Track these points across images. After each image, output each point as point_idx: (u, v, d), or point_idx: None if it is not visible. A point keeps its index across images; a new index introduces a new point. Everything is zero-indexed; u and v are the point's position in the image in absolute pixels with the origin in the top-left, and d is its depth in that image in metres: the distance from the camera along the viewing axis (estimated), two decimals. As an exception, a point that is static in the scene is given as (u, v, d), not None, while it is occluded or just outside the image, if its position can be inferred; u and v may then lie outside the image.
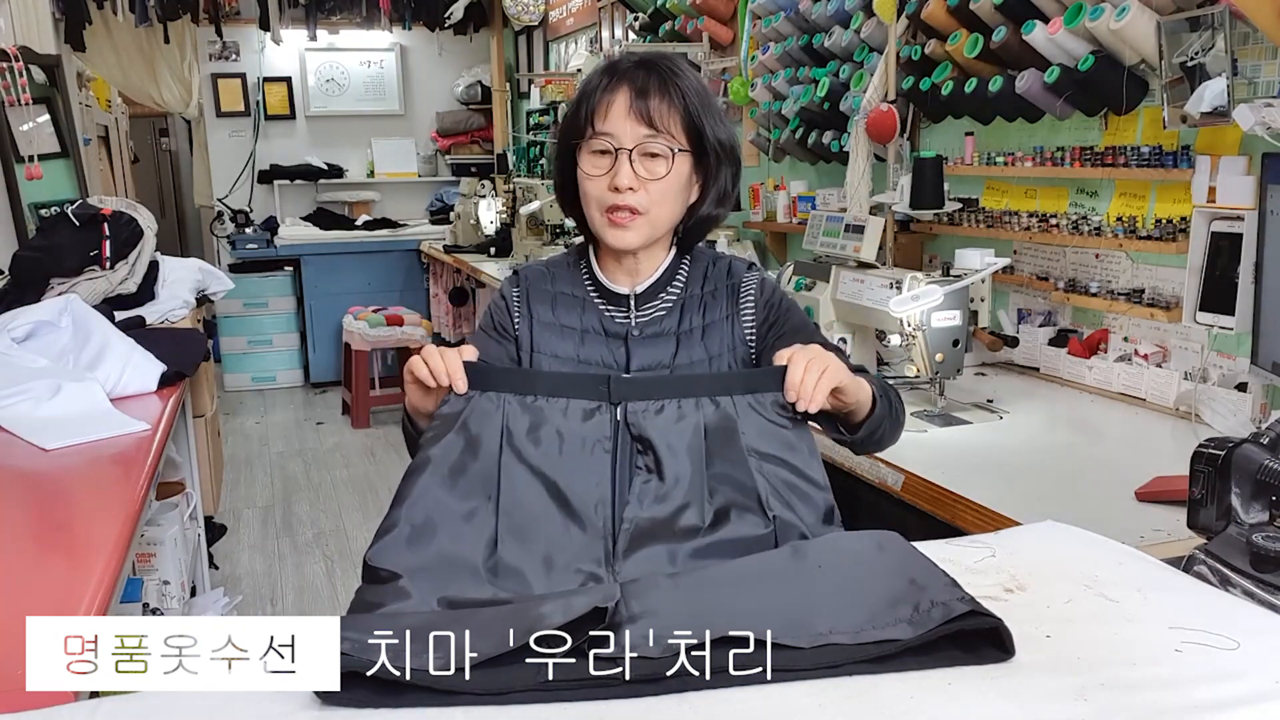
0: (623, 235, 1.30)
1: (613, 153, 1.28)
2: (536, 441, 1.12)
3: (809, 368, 1.13)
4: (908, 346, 2.10)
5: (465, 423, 1.12)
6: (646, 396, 1.14)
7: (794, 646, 0.79)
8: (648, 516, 1.10)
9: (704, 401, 1.14)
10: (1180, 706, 0.73)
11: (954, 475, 1.67)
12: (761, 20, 3.43)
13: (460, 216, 5.87)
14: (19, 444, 1.74)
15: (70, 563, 1.30)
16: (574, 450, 1.12)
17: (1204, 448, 1.12)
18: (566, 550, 1.08)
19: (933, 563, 0.92)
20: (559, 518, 1.10)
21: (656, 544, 1.08)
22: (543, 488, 1.11)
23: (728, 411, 1.14)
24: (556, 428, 1.13)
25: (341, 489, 4.53)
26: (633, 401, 1.13)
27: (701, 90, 1.31)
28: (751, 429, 1.13)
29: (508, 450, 1.11)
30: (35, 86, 3.23)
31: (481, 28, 6.78)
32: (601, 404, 1.14)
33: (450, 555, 1.06)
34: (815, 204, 3.23)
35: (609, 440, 1.13)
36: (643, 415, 1.13)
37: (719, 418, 1.13)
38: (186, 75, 6.39)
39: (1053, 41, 2.20)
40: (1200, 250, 1.96)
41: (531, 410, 1.13)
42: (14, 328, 2.13)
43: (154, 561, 2.32)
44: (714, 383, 1.17)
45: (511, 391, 1.14)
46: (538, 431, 1.12)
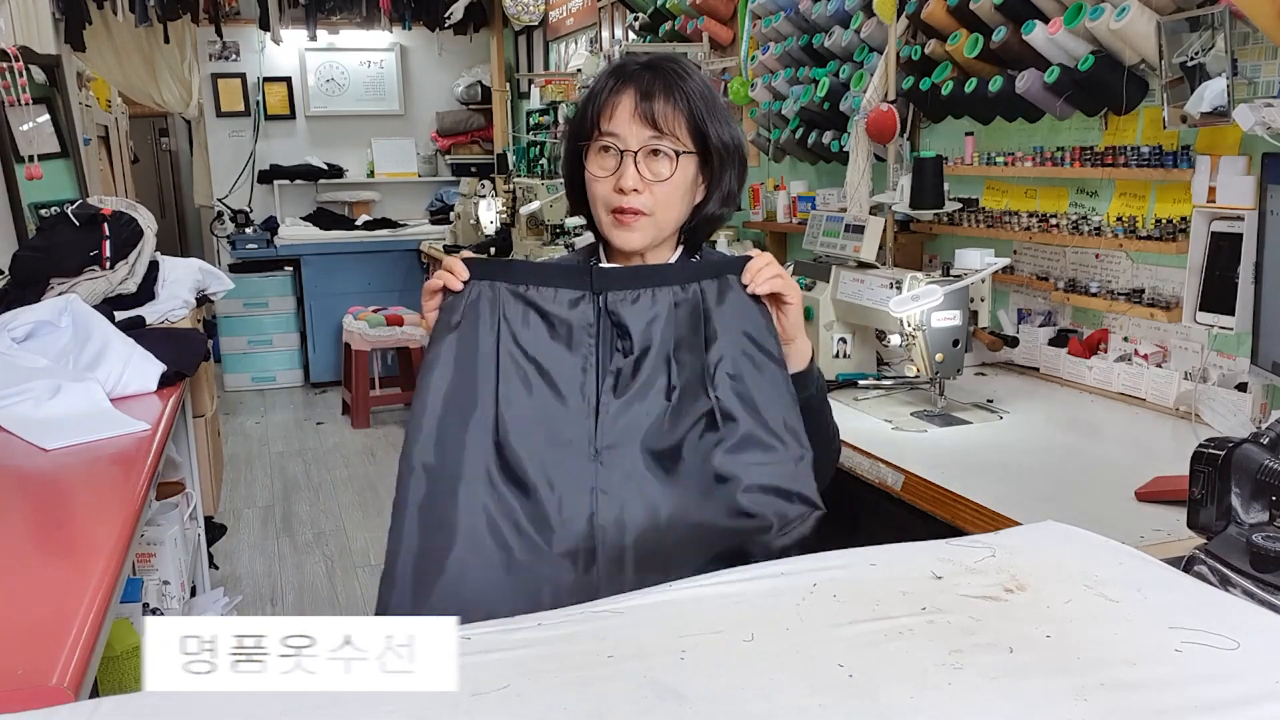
0: (628, 236, 1.33)
1: (618, 154, 1.31)
2: (527, 325, 1.21)
3: (769, 265, 1.25)
4: (908, 346, 2.10)
5: (467, 308, 1.21)
6: (625, 286, 1.22)
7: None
8: (621, 400, 1.20)
9: (676, 290, 1.22)
10: (1180, 706, 0.73)
11: (954, 475, 1.67)
12: (761, 20, 3.43)
13: (460, 216, 5.87)
14: (19, 444, 1.74)
15: (70, 563, 1.30)
16: (562, 334, 1.21)
17: (1204, 448, 1.12)
18: (559, 425, 1.19)
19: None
20: (549, 396, 1.20)
21: (632, 412, 1.20)
22: (534, 370, 1.20)
23: (695, 298, 1.23)
24: (545, 311, 1.21)
25: (341, 489, 4.53)
26: (613, 291, 1.21)
27: (707, 93, 1.33)
28: (716, 305, 1.23)
29: (505, 335, 1.20)
30: (35, 86, 3.23)
31: (481, 28, 6.78)
32: (585, 293, 1.21)
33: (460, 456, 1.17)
34: (815, 204, 3.23)
35: (592, 326, 1.21)
36: (621, 303, 1.21)
37: (688, 304, 1.22)
38: (186, 75, 6.39)
39: (1053, 41, 2.20)
40: (1200, 250, 1.96)
41: (523, 298, 1.21)
42: (14, 328, 2.13)
43: (154, 561, 2.32)
44: (684, 272, 1.26)
45: (506, 280, 1.22)
46: (528, 317, 1.21)
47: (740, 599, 0.90)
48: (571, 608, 0.90)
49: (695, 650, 0.81)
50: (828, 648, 0.81)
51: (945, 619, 0.85)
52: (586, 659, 0.80)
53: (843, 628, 0.84)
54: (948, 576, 0.93)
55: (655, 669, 0.78)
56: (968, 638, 0.82)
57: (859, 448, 1.84)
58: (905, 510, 1.72)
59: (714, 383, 1.20)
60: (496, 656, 0.80)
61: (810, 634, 0.83)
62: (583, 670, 0.78)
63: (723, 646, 0.82)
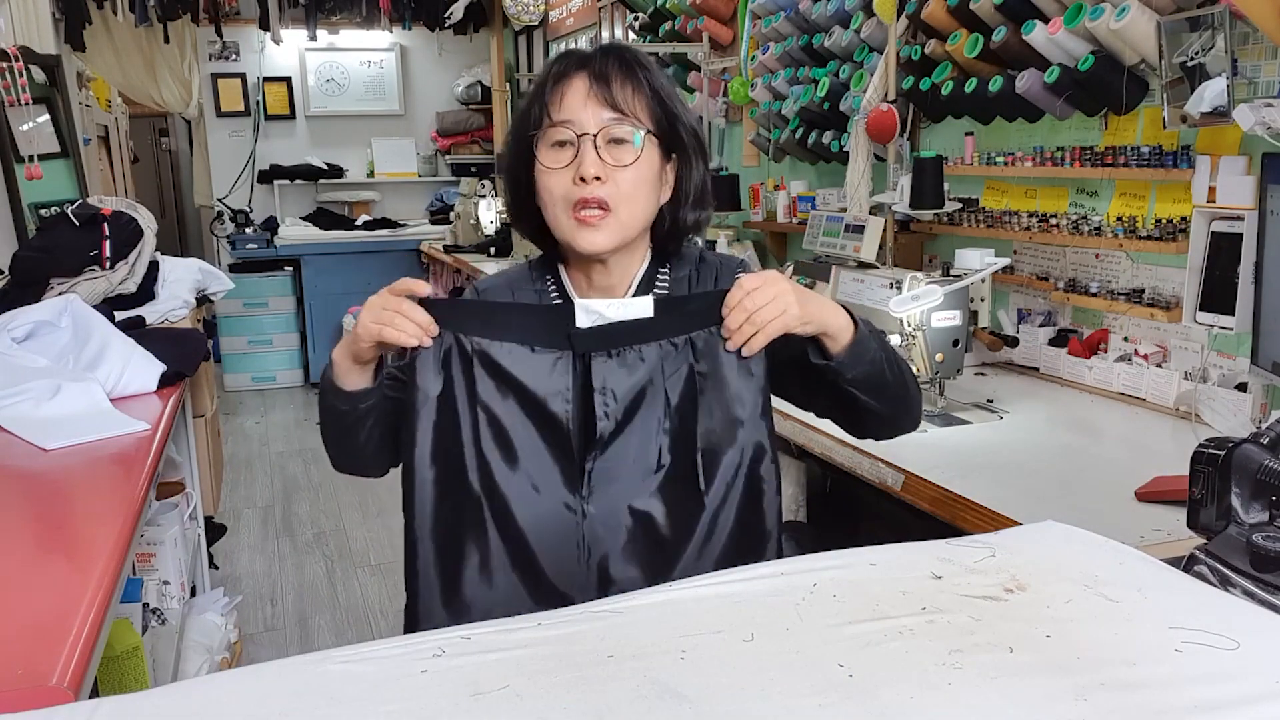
0: (592, 237, 1.18)
1: (574, 142, 1.18)
2: (505, 398, 1.15)
3: (750, 319, 1.12)
4: (908, 346, 2.10)
5: (442, 372, 1.15)
6: (606, 345, 1.14)
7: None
8: (605, 469, 1.15)
9: (664, 345, 1.15)
10: (1180, 706, 0.73)
11: (954, 475, 1.67)
12: (761, 20, 3.43)
13: (460, 216, 5.87)
14: (19, 444, 1.74)
15: (70, 563, 1.29)
16: (536, 413, 1.15)
17: (1204, 448, 1.12)
18: (547, 481, 1.15)
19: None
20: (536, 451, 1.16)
21: (617, 484, 1.15)
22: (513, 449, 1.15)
23: (685, 353, 1.15)
24: (520, 386, 1.14)
25: (341, 489, 4.53)
26: (594, 351, 1.14)
27: (666, 79, 1.23)
28: (706, 357, 1.15)
29: (481, 415, 1.15)
30: (35, 86, 3.23)
31: (481, 28, 6.77)
32: (565, 353, 1.14)
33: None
34: (815, 204, 3.23)
35: (569, 391, 1.14)
36: (604, 364, 1.14)
37: (676, 360, 1.15)
38: (186, 75, 6.40)
39: (1053, 41, 2.20)
40: (1200, 250, 1.96)
41: (495, 367, 1.14)
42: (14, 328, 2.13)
43: (154, 561, 2.32)
44: (664, 327, 1.15)
45: (475, 332, 1.15)
46: (505, 395, 1.15)
47: (740, 599, 0.90)
48: (571, 608, 0.90)
49: (695, 650, 0.81)
50: (828, 648, 0.81)
51: (945, 619, 0.85)
52: (586, 659, 0.80)
53: (843, 628, 0.84)
54: (948, 576, 0.93)
55: (655, 669, 0.78)
56: (968, 638, 0.82)
57: (859, 448, 1.83)
58: (905, 510, 1.72)
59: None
60: (496, 656, 0.80)
61: (810, 634, 0.83)
62: (583, 670, 0.78)
63: (723, 646, 0.82)
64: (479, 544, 1.16)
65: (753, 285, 1.12)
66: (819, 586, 0.92)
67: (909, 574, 0.94)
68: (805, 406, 1.35)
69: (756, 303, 1.12)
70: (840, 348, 1.18)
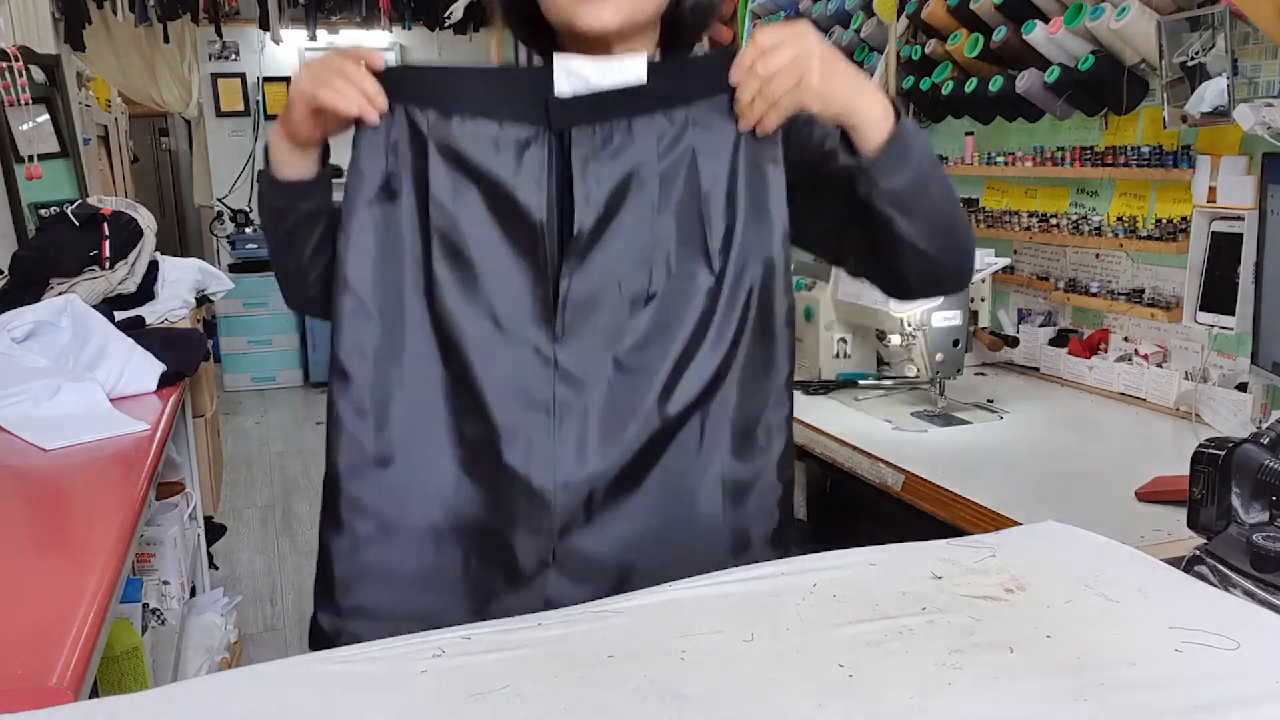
0: (598, 12, 0.98)
1: None
2: (460, 198, 0.98)
3: (763, 90, 0.92)
4: (908, 346, 2.10)
5: (389, 160, 1.00)
6: (591, 119, 0.96)
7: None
8: (585, 289, 0.98)
9: (660, 124, 0.97)
10: (1180, 707, 0.73)
11: (954, 475, 1.67)
12: (761, 20, 3.43)
13: (460, 216, 5.87)
14: (19, 444, 1.74)
15: (70, 563, 1.29)
16: (506, 207, 0.97)
17: (1204, 448, 1.12)
18: (513, 312, 0.99)
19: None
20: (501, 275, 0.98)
21: (597, 315, 0.98)
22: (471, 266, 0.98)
23: (682, 130, 0.97)
24: (483, 175, 0.96)
25: (341, 489, 4.53)
26: (575, 128, 0.96)
27: None
28: (705, 137, 0.97)
29: (434, 214, 0.98)
30: (35, 86, 3.22)
31: (481, 28, 6.78)
32: (539, 129, 0.96)
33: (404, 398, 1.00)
34: (815, 204, 3.23)
35: (544, 178, 0.97)
36: (587, 139, 0.96)
37: (670, 140, 0.97)
38: (186, 75, 6.39)
39: (1053, 41, 2.20)
40: (1200, 250, 1.96)
41: (454, 154, 0.97)
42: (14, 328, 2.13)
43: (154, 561, 2.32)
44: (661, 96, 0.97)
45: (431, 104, 0.97)
46: (460, 187, 0.98)
47: (740, 599, 0.90)
48: (571, 608, 0.90)
49: (695, 650, 0.81)
50: (828, 648, 0.81)
51: (945, 619, 0.85)
52: (586, 659, 0.80)
53: (843, 628, 0.84)
54: (948, 576, 0.93)
55: (655, 669, 0.78)
56: (968, 638, 0.82)
57: (859, 448, 1.84)
58: (905, 510, 1.72)
59: (712, 260, 0.98)
60: (496, 656, 0.80)
61: (810, 634, 0.83)
62: (583, 670, 0.78)
63: (723, 646, 0.82)
64: (420, 382, 1.00)
65: (769, 42, 0.92)
66: (819, 586, 0.92)
67: (909, 574, 0.94)
68: (827, 252, 1.16)
69: (770, 67, 0.92)
70: (873, 146, 0.95)
